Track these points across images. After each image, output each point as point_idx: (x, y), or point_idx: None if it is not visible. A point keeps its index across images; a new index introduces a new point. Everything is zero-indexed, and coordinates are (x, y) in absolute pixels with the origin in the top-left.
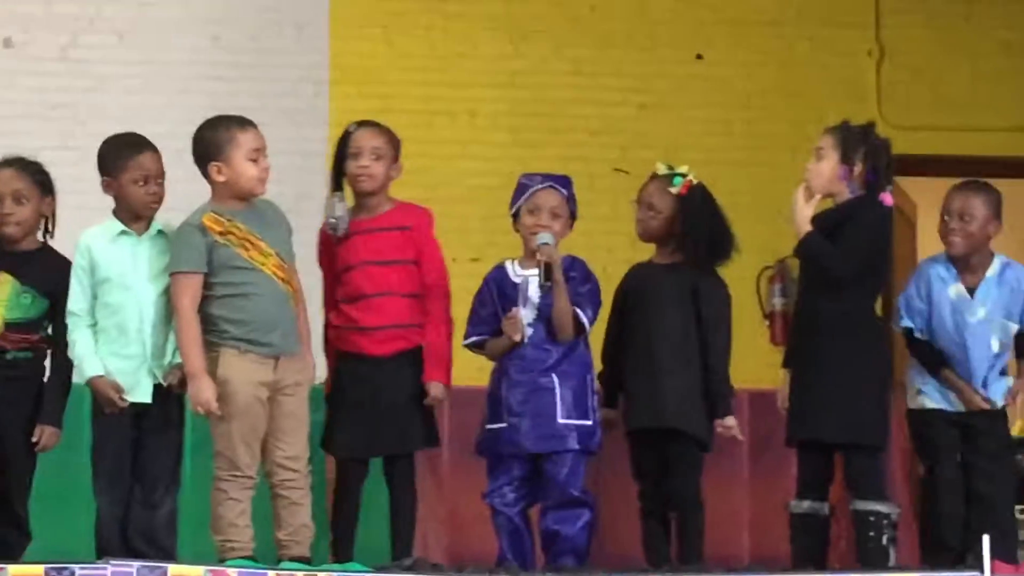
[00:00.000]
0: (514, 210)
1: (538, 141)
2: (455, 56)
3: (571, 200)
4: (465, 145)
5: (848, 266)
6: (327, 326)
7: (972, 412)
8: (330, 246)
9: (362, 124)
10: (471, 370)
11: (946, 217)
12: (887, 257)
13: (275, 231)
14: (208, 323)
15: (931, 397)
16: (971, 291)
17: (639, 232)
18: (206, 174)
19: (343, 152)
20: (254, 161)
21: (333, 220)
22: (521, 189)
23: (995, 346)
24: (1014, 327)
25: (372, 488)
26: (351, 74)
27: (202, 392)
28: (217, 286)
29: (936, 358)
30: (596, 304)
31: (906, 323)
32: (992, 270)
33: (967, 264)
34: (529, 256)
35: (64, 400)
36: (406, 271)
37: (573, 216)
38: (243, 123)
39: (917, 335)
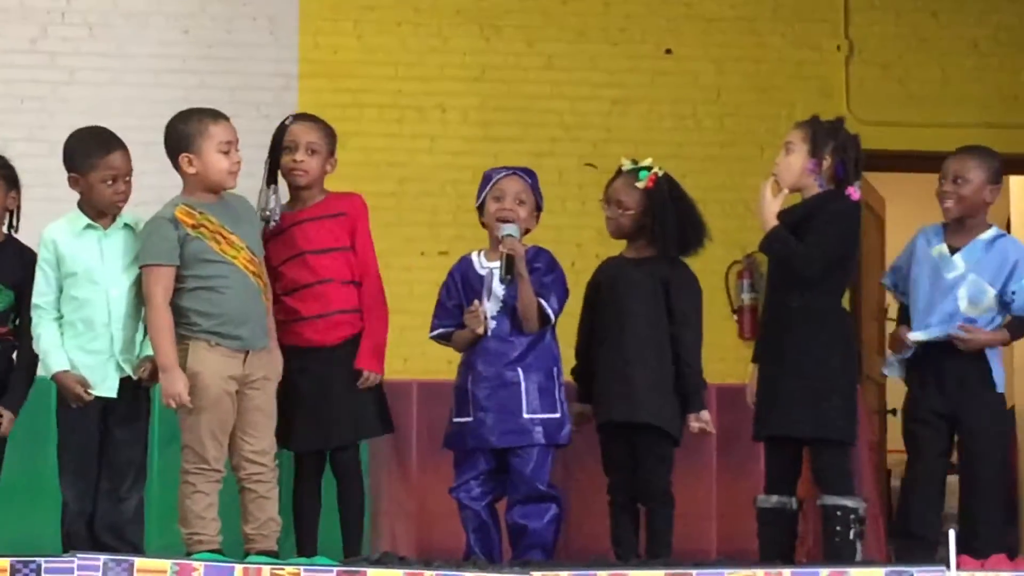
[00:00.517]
0: (479, 201)
1: (508, 136)
2: (425, 50)
3: (535, 190)
4: (435, 139)
5: (814, 261)
6: None
7: (962, 399)
8: (264, 240)
9: (298, 117)
10: (440, 363)
11: (942, 180)
12: (854, 252)
13: (246, 225)
14: (178, 316)
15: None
16: (955, 251)
17: (610, 230)
18: (177, 166)
19: (278, 145)
20: (225, 154)
21: (267, 213)
22: (485, 180)
23: (963, 303)
24: (990, 291)
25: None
26: (321, 68)
27: (174, 384)
28: (188, 279)
29: (901, 319)
30: (562, 295)
31: (886, 280)
32: (984, 235)
33: (960, 227)
34: (495, 247)
35: (27, 390)
36: (344, 258)
37: (539, 207)
38: (215, 115)
39: (899, 297)
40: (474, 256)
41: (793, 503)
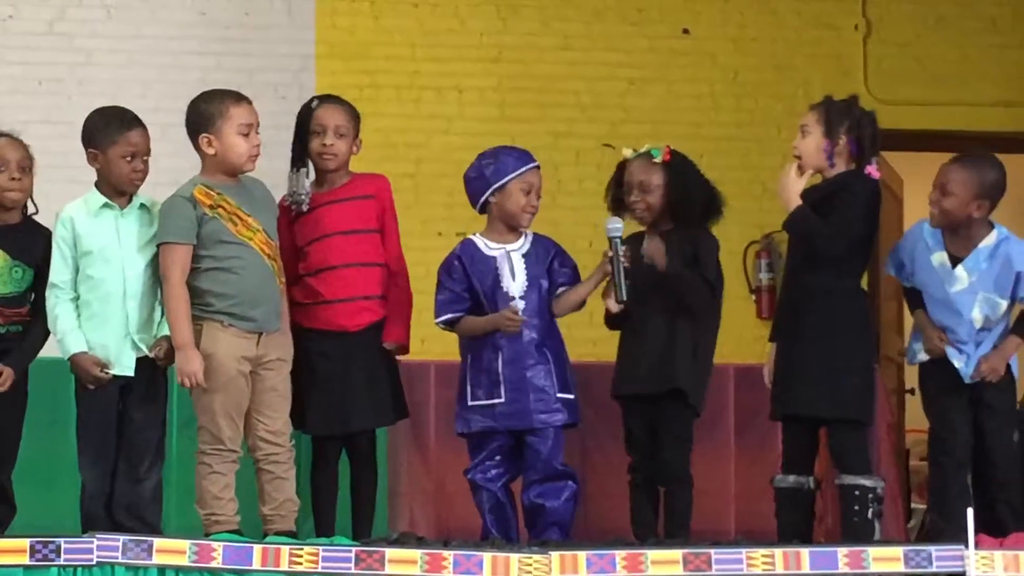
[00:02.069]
0: (501, 183)
1: (526, 116)
2: (442, 31)
3: None
4: (452, 120)
5: (837, 240)
6: (289, 303)
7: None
8: (287, 222)
9: (323, 100)
10: (458, 345)
11: (933, 185)
12: (874, 231)
13: (262, 209)
14: (193, 296)
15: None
16: (957, 260)
17: (639, 216)
18: (197, 146)
19: (304, 128)
20: (245, 136)
21: (301, 196)
22: (511, 163)
23: (977, 320)
24: (1003, 303)
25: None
26: (338, 49)
27: (190, 363)
28: (205, 259)
29: (916, 299)
30: None
31: (889, 271)
32: (986, 242)
33: (955, 234)
34: (508, 231)
35: (31, 356)
36: (371, 240)
37: None
38: (237, 98)
39: (905, 280)
40: (477, 239)
41: (810, 483)
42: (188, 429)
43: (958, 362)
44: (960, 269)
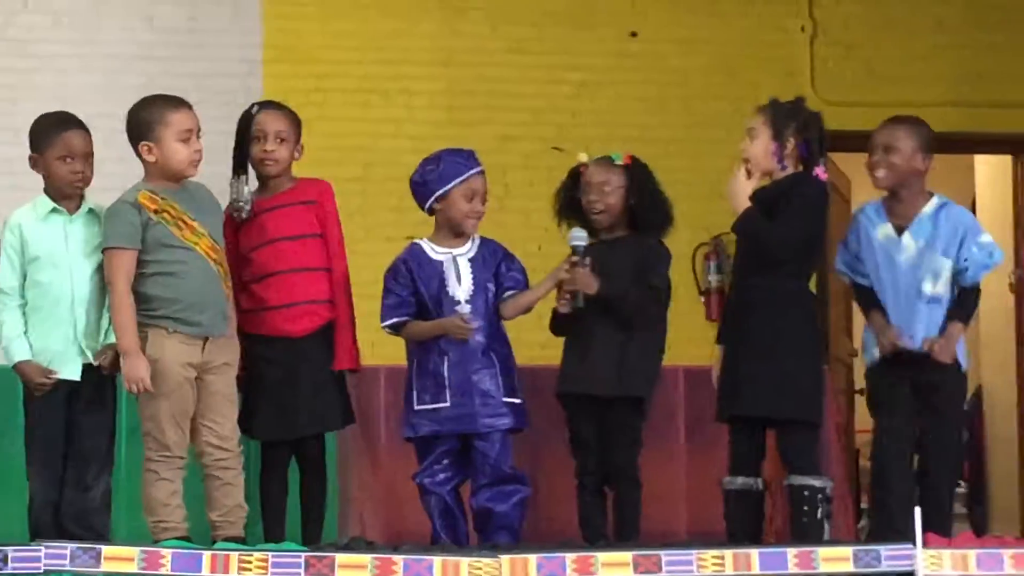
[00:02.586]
0: (446, 188)
1: (475, 119)
2: (390, 34)
3: None
4: (400, 124)
5: (786, 242)
6: (236, 309)
7: (928, 370)
8: (231, 229)
9: (264, 106)
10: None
11: (871, 152)
12: (823, 233)
13: (207, 214)
14: (138, 302)
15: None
16: (902, 230)
17: (596, 217)
18: (138, 153)
19: (245, 134)
20: (185, 142)
21: (241, 203)
22: (453, 169)
23: (927, 287)
24: (947, 264)
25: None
26: (285, 53)
27: (136, 369)
28: (150, 264)
29: (869, 300)
30: None
31: (840, 267)
32: (927, 208)
33: (899, 202)
34: (454, 235)
35: None
36: (315, 245)
37: None
38: (176, 103)
39: (856, 279)
40: (424, 243)
41: (759, 484)
42: (137, 436)
43: (911, 346)
44: (907, 236)
